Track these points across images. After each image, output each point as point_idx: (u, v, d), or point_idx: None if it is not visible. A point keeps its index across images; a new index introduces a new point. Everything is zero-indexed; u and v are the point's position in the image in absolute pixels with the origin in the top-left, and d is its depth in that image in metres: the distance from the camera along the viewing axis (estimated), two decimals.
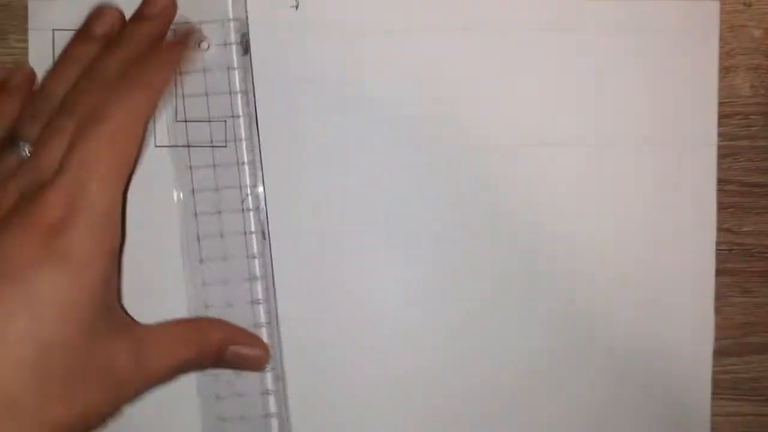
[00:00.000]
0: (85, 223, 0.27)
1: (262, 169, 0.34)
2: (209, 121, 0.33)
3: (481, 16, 0.34)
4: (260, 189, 0.34)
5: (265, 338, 0.34)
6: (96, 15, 0.32)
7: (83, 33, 0.32)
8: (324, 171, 0.34)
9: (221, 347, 0.32)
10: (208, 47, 0.33)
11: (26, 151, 0.30)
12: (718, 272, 0.35)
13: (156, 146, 0.33)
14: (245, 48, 0.33)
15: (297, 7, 0.34)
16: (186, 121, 0.33)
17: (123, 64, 0.31)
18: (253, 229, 0.34)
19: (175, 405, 0.34)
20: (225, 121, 0.33)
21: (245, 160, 0.33)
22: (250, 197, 0.33)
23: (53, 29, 0.33)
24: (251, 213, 0.34)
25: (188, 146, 0.33)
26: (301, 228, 0.34)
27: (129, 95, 0.29)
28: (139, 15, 0.32)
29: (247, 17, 0.33)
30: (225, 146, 0.33)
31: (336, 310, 0.34)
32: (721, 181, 0.35)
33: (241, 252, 0.33)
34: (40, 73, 0.32)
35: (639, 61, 0.34)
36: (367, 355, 0.34)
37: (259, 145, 0.34)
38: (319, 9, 0.34)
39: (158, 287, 0.34)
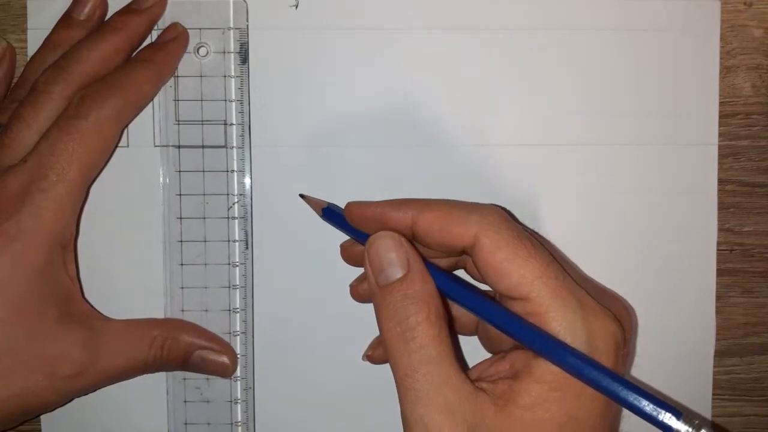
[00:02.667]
0: (34, 211, 0.28)
1: (251, 178, 0.34)
2: (202, 124, 0.33)
3: (483, 16, 0.34)
4: (248, 198, 0.34)
5: (238, 347, 0.34)
6: (79, 0, 0.32)
7: (66, 18, 0.33)
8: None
9: (188, 351, 0.32)
10: (207, 54, 0.33)
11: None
12: (719, 272, 0.35)
13: (151, 146, 0.33)
14: (244, 58, 0.33)
15: (297, 6, 0.33)
16: (179, 124, 0.33)
17: (100, 54, 0.31)
18: (237, 237, 0.33)
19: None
20: (219, 126, 0.33)
21: (235, 168, 0.33)
22: (236, 205, 0.33)
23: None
24: (236, 221, 0.33)
25: (179, 147, 0.33)
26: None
27: (109, 98, 0.30)
28: (126, 7, 0.32)
29: (247, 27, 0.33)
30: (216, 152, 0.33)
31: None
32: (721, 181, 0.35)
33: (223, 259, 0.33)
34: None
35: (640, 61, 0.34)
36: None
37: (251, 154, 0.34)
38: (319, 8, 0.34)
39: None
